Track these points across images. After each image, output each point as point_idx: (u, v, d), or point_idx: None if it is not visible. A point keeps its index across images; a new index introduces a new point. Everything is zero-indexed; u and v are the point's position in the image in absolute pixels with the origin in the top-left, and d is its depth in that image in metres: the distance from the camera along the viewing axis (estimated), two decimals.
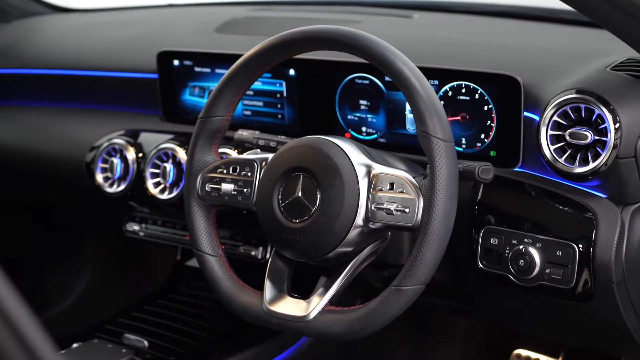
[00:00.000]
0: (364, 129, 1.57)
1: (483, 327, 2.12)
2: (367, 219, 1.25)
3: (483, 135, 1.44)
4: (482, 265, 1.41)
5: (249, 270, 1.51)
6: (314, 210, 1.26)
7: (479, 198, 1.42)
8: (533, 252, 1.34)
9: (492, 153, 1.44)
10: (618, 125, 1.28)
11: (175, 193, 1.75)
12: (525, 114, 1.39)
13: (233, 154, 1.63)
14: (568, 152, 1.33)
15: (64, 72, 2.04)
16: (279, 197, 1.30)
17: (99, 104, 1.99)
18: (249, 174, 1.37)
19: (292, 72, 1.63)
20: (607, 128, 1.28)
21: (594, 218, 1.31)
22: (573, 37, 1.72)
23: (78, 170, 1.92)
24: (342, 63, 1.56)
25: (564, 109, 1.32)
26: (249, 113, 1.72)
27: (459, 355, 2.16)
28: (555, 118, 1.33)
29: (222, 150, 1.62)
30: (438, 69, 1.46)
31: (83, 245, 2.45)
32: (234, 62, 1.36)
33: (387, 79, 1.52)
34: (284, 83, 1.65)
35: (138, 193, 1.81)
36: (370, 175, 1.26)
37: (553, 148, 1.33)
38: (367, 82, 1.54)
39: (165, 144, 1.77)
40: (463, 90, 1.45)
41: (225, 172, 1.38)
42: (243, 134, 1.50)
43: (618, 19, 1.19)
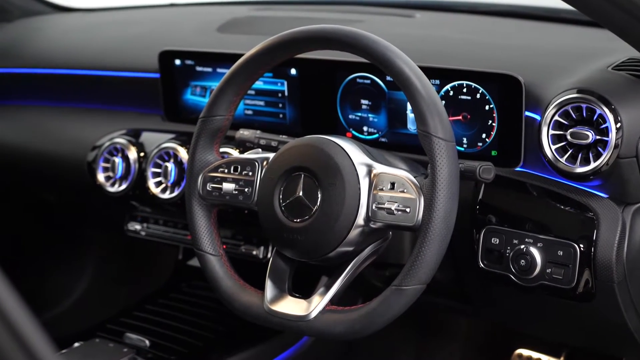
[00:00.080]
0: (366, 129, 1.57)
1: (484, 326, 2.11)
2: (368, 219, 1.25)
3: (484, 135, 1.44)
4: (483, 265, 1.41)
5: (250, 270, 1.51)
6: (315, 210, 1.26)
7: (480, 198, 1.42)
8: (534, 251, 1.34)
9: (493, 153, 1.44)
10: (619, 125, 1.28)
11: (177, 192, 1.75)
12: (527, 114, 1.39)
13: (234, 154, 1.63)
14: (569, 151, 1.33)
15: (66, 71, 2.04)
16: (280, 196, 1.30)
17: (101, 104, 1.99)
18: (250, 174, 1.37)
19: (293, 71, 1.63)
20: (608, 128, 1.28)
21: (595, 218, 1.31)
22: (574, 36, 1.72)
23: (80, 170, 1.92)
24: (343, 63, 1.56)
25: (565, 109, 1.32)
26: (251, 112, 1.72)
27: (460, 355, 2.15)
28: (557, 118, 1.33)
29: (223, 150, 1.62)
30: (439, 69, 1.46)
31: (84, 245, 2.45)
32: (236, 61, 1.36)
33: (388, 79, 1.52)
34: (286, 82, 1.65)
35: (139, 192, 1.81)
36: (371, 175, 1.26)
37: (554, 148, 1.33)
38: (368, 81, 1.54)
39: (167, 144, 1.77)
40: (464, 90, 1.44)
41: (227, 171, 1.38)
42: (244, 134, 1.50)
43: (619, 19, 1.19)
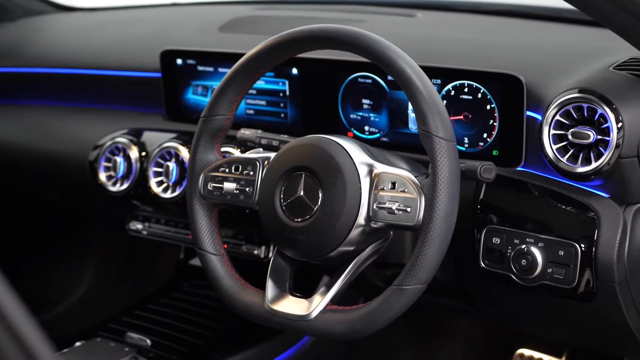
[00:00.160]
0: (367, 128, 1.57)
1: (486, 326, 2.11)
2: (368, 218, 1.25)
3: (485, 135, 1.44)
4: (484, 265, 1.41)
5: (251, 269, 1.51)
6: (316, 210, 1.26)
7: (481, 197, 1.42)
8: (535, 251, 1.34)
9: (494, 152, 1.44)
10: (620, 125, 1.28)
11: (178, 192, 1.75)
12: (528, 113, 1.38)
13: (235, 153, 1.63)
14: (570, 151, 1.33)
15: (68, 70, 2.04)
16: (281, 196, 1.30)
17: (103, 103, 1.99)
18: (251, 173, 1.37)
19: (294, 71, 1.63)
20: (609, 127, 1.28)
21: (596, 218, 1.31)
22: (576, 36, 1.72)
23: (81, 169, 1.92)
24: (344, 62, 1.56)
25: (567, 109, 1.32)
26: (252, 112, 1.72)
27: (462, 355, 2.15)
28: (558, 117, 1.33)
29: (224, 149, 1.62)
30: (440, 68, 1.46)
31: (86, 244, 2.46)
32: (237, 61, 1.36)
33: (389, 78, 1.52)
34: (287, 82, 1.65)
35: (141, 192, 1.81)
36: (372, 175, 1.26)
37: (555, 147, 1.33)
38: (369, 81, 1.54)
39: (168, 143, 1.77)
40: (466, 90, 1.44)
41: (228, 171, 1.38)
42: (245, 133, 1.50)
43: (620, 18, 1.19)
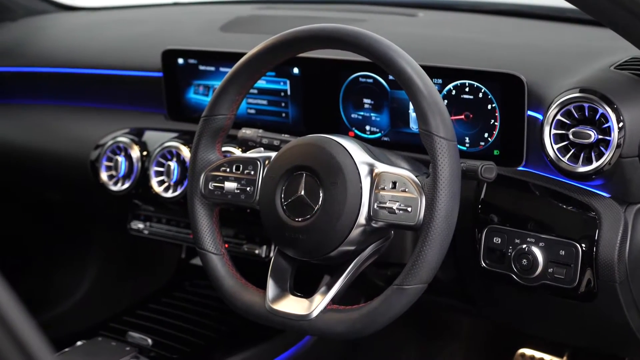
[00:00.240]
0: (368, 128, 1.57)
1: (486, 326, 2.11)
2: (369, 218, 1.25)
3: (486, 134, 1.44)
4: (484, 265, 1.40)
5: (252, 269, 1.51)
6: (317, 209, 1.26)
7: (482, 197, 1.42)
8: (536, 251, 1.34)
9: (495, 152, 1.44)
10: (621, 125, 1.27)
11: (180, 191, 1.75)
12: (529, 113, 1.38)
13: (236, 153, 1.63)
14: (571, 151, 1.32)
15: (69, 70, 2.04)
16: (282, 195, 1.30)
17: (104, 102, 1.99)
18: (252, 173, 1.37)
19: (296, 70, 1.63)
20: (610, 127, 1.28)
21: (597, 217, 1.31)
22: (577, 36, 1.72)
23: (82, 169, 1.93)
24: (346, 62, 1.56)
25: (568, 108, 1.32)
26: (253, 111, 1.72)
27: (463, 354, 2.15)
28: (559, 117, 1.33)
29: (225, 149, 1.63)
30: (441, 68, 1.46)
31: (87, 244, 2.46)
32: (238, 60, 1.36)
33: (390, 78, 1.52)
34: (288, 82, 1.65)
35: (142, 191, 1.81)
36: (373, 174, 1.26)
37: (556, 147, 1.33)
38: (370, 80, 1.54)
39: (170, 142, 1.77)
40: (467, 89, 1.44)
41: (229, 170, 1.38)
42: (246, 133, 1.50)
43: (621, 18, 1.19)
